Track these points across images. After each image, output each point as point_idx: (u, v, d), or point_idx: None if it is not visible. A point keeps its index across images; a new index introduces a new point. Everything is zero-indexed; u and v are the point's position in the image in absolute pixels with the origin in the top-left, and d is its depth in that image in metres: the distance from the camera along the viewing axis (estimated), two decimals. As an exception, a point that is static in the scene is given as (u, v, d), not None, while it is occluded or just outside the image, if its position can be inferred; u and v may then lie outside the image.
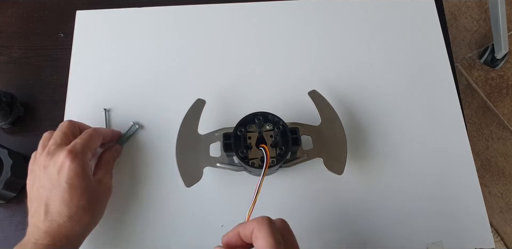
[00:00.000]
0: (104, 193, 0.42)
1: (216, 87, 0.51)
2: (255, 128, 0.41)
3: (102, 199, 0.42)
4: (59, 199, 0.37)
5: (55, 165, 0.39)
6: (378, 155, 0.48)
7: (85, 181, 0.39)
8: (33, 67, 0.53)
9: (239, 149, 0.40)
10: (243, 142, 0.41)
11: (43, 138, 0.43)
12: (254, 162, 0.40)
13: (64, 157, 0.38)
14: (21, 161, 0.47)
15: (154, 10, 0.56)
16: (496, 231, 1.18)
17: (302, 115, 0.48)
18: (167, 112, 0.50)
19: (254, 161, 0.40)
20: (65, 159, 0.38)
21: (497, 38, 1.23)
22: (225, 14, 0.55)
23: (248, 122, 0.42)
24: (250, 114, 0.42)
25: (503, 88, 1.31)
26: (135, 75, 0.52)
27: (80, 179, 0.38)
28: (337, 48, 0.54)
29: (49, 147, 0.40)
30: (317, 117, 0.46)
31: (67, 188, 0.38)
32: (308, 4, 0.56)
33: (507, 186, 1.22)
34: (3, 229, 0.46)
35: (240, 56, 0.53)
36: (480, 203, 0.46)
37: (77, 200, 0.38)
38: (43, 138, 0.43)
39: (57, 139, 0.41)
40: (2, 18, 0.56)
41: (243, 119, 0.42)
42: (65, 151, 0.39)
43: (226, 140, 0.42)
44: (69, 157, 0.38)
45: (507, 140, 1.26)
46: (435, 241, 0.44)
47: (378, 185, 0.47)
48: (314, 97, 0.47)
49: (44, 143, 0.42)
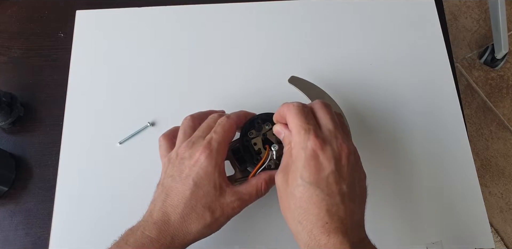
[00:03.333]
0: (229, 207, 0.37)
1: (216, 88, 0.51)
2: (256, 132, 0.41)
3: (221, 213, 0.37)
4: (180, 194, 0.35)
5: (191, 159, 0.36)
6: (378, 154, 0.48)
7: (211, 184, 0.36)
8: (33, 67, 0.53)
9: (253, 158, 0.40)
10: (252, 150, 0.40)
11: (184, 124, 0.40)
12: (270, 164, 0.40)
13: (200, 152, 0.36)
14: (6, 154, 0.47)
15: (154, 10, 0.56)
16: (496, 231, 1.18)
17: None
18: (167, 112, 0.50)
19: (270, 163, 0.40)
20: (201, 155, 0.36)
21: (497, 38, 1.23)
22: (226, 14, 0.55)
23: (247, 129, 0.41)
24: (248, 121, 0.41)
25: (503, 88, 1.31)
26: (135, 75, 0.52)
27: (208, 179, 0.36)
28: (337, 48, 0.54)
29: (192, 138, 0.38)
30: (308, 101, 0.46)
31: (192, 185, 0.35)
32: (308, 4, 0.56)
33: (507, 186, 1.22)
34: (3, 229, 0.46)
35: (240, 56, 0.53)
36: (480, 203, 0.46)
37: (195, 201, 0.35)
38: (185, 125, 0.40)
39: (202, 131, 0.38)
40: (2, 18, 0.56)
41: (243, 129, 0.41)
42: (202, 147, 0.36)
43: (236, 155, 0.41)
44: (204, 153, 0.36)
45: (507, 140, 1.26)
46: (435, 241, 0.44)
47: (378, 185, 0.47)
48: (296, 83, 0.47)
49: (185, 130, 0.39)
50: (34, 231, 0.45)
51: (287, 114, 0.36)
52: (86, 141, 0.48)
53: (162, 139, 0.41)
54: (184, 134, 0.39)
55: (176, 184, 0.36)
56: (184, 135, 0.39)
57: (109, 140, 0.48)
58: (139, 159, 0.48)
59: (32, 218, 0.46)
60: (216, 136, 0.37)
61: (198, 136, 0.38)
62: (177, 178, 0.36)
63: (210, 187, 0.36)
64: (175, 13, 0.55)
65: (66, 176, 0.47)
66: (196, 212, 0.35)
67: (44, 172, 0.48)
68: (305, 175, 0.33)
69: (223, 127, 0.38)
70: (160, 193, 0.37)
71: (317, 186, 0.32)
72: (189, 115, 0.41)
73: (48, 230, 0.44)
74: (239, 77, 0.52)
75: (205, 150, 0.36)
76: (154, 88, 0.51)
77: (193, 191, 0.35)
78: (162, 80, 0.51)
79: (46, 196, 0.46)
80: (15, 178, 0.47)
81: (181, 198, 0.35)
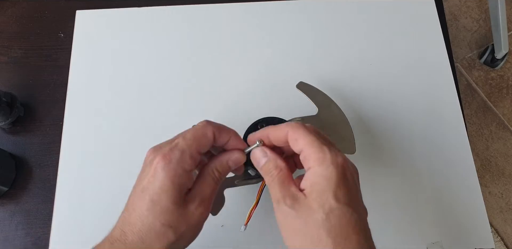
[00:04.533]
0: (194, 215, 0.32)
1: (216, 88, 0.51)
2: None
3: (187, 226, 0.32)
4: (138, 211, 0.31)
5: (150, 167, 0.32)
6: (378, 155, 0.48)
7: (169, 199, 0.31)
8: (33, 67, 0.53)
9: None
10: None
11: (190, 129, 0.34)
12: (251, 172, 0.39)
13: (157, 162, 0.31)
14: (6, 154, 0.47)
15: (154, 10, 0.55)
16: (496, 231, 1.18)
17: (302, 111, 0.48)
18: (167, 112, 0.50)
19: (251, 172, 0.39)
20: (157, 164, 0.31)
21: (497, 38, 1.23)
22: (226, 14, 0.55)
23: (250, 133, 0.41)
24: (252, 124, 0.41)
25: (503, 88, 1.31)
26: (135, 75, 0.52)
27: (165, 194, 0.30)
28: (337, 48, 0.54)
29: (166, 140, 0.33)
30: (314, 108, 0.46)
31: (148, 201, 0.31)
32: (308, 4, 0.56)
33: (507, 186, 1.22)
34: (3, 229, 0.46)
35: (240, 56, 0.53)
36: (480, 203, 0.46)
37: (153, 219, 0.30)
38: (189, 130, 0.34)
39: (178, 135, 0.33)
40: (2, 18, 0.56)
41: (247, 132, 0.41)
42: (161, 155, 0.31)
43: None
44: (161, 162, 0.31)
45: (507, 140, 1.26)
46: (435, 241, 0.44)
47: (378, 185, 0.47)
48: (304, 89, 0.47)
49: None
50: (34, 231, 0.45)
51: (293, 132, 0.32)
52: (86, 141, 0.48)
53: None
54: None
55: (134, 198, 0.32)
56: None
57: (109, 140, 0.48)
58: (139, 158, 0.48)
59: (32, 218, 0.46)
60: (182, 142, 0.32)
61: (170, 140, 0.33)
62: (137, 190, 0.32)
63: (169, 202, 0.31)
64: (175, 13, 0.55)
65: (66, 176, 0.47)
66: (155, 231, 0.30)
67: (44, 172, 0.48)
68: (340, 195, 0.29)
69: (194, 132, 0.33)
70: (125, 206, 0.33)
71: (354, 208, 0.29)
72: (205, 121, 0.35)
73: (48, 230, 0.44)
74: (239, 78, 0.52)
75: (163, 159, 0.31)
76: (154, 88, 0.51)
77: (149, 207, 0.30)
78: (162, 80, 0.51)
79: (46, 196, 0.46)
80: (15, 178, 0.47)
81: (138, 215, 0.31)
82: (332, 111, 0.45)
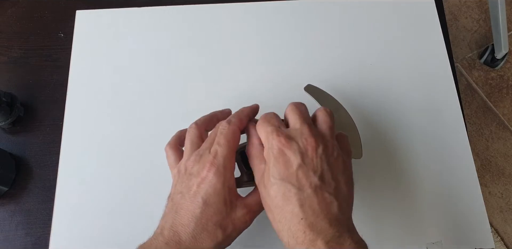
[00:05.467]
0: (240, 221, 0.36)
1: (217, 88, 0.51)
2: None
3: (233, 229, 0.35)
4: (190, 213, 0.34)
5: (198, 176, 0.35)
6: (378, 154, 0.48)
7: (221, 201, 0.34)
8: (33, 67, 0.53)
9: None
10: None
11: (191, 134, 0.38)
12: None
13: (207, 169, 0.34)
14: (6, 154, 0.47)
15: (154, 10, 0.56)
16: (496, 231, 1.18)
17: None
18: (167, 112, 0.50)
19: None
20: (209, 172, 0.34)
21: (497, 38, 1.23)
22: (226, 14, 0.55)
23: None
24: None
25: (503, 88, 1.31)
26: (135, 75, 0.52)
27: (217, 196, 0.34)
28: (337, 48, 0.54)
29: (199, 150, 0.36)
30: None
31: (202, 204, 0.34)
32: (308, 4, 0.56)
33: (507, 186, 1.22)
34: (3, 229, 0.46)
35: (240, 57, 0.53)
36: (480, 203, 0.46)
37: (206, 220, 0.34)
38: (191, 135, 0.38)
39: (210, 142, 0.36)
40: (2, 18, 0.56)
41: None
42: (208, 164, 0.34)
43: (243, 157, 0.40)
44: (211, 170, 0.34)
45: (507, 140, 1.26)
46: (435, 241, 0.44)
47: (377, 185, 0.47)
48: (312, 91, 0.47)
49: (192, 140, 0.38)
50: (34, 231, 0.45)
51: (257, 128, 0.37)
52: (86, 141, 0.48)
53: (169, 148, 0.40)
54: (192, 145, 0.38)
55: (185, 201, 0.35)
56: (192, 145, 0.38)
57: (109, 140, 0.48)
58: (139, 159, 0.48)
59: (32, 218, 0.46)
60: (220, 148, 0.35)
61: (206, 148, 0.36)
62: (186, 195, 0.35)
63: (221, 204, 0.34)
64: (176, 13, 0.55)
65: (66, 176, 0.47)
66: (207, 230, 0.34)
67: (44, 172, 0.48)
68: (275, 172, 0.33)
69: (225, 137, 0.36)
70: (170, 209, 0.36)
71: (288, 181, 0.33)
72: (193, 124, 0.39)
73: (48, 230, 0.44)
74: (240, 78, 0.52)
75: (212, 167, 0.34)
76: (154, 88, 0.51)
77: (203, 209, 0.34)
78: (162, 80, 0.51)
79: (46, 196, 0.46)
80: (15, 178, 0.47)
81: (191, 216, 0.34)
82: (340, 116, 0.45)
